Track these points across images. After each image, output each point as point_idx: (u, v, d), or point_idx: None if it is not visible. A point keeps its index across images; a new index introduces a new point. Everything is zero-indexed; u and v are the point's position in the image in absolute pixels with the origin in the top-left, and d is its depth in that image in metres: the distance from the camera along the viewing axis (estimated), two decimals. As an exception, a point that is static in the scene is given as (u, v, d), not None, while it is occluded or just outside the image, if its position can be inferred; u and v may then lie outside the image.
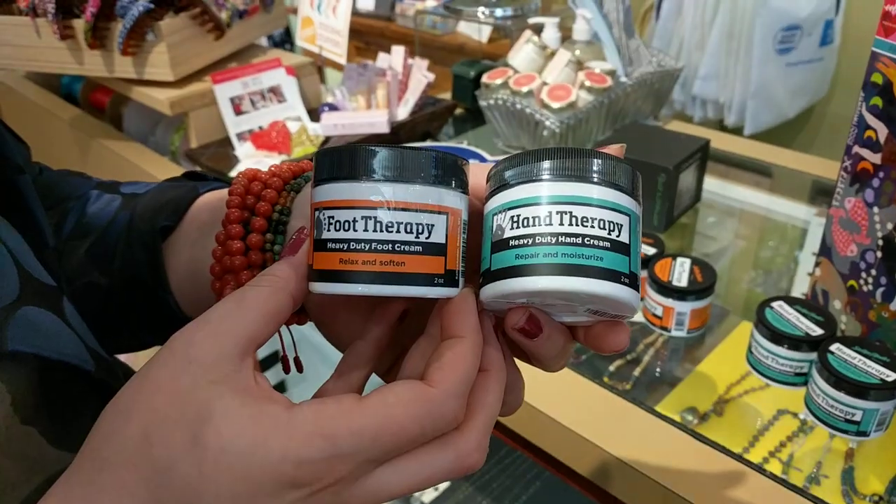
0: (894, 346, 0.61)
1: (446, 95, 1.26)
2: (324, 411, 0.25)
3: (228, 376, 0.25)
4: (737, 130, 1.68)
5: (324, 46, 1.14)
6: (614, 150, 0.30)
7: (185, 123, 1.06)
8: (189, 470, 0.24)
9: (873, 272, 0.62)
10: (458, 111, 1.24)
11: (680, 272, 0.70)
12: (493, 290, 0.27)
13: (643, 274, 0.73)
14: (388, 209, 0.26)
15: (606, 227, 0.26)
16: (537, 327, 0.29)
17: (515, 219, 0.27)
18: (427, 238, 0.27)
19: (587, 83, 0.99)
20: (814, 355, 0.60)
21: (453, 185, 0.28)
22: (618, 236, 0.27)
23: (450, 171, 0.27)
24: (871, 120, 0.60)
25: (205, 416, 0.24)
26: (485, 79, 1.04)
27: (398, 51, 1.10)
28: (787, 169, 1.06)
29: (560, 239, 0.26)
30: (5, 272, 0.29)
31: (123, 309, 0.39)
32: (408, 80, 1.10)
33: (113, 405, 0.26)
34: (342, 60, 1.10)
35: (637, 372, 0.68)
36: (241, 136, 1.05)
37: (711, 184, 1.01)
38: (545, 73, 1.03)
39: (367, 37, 2.25)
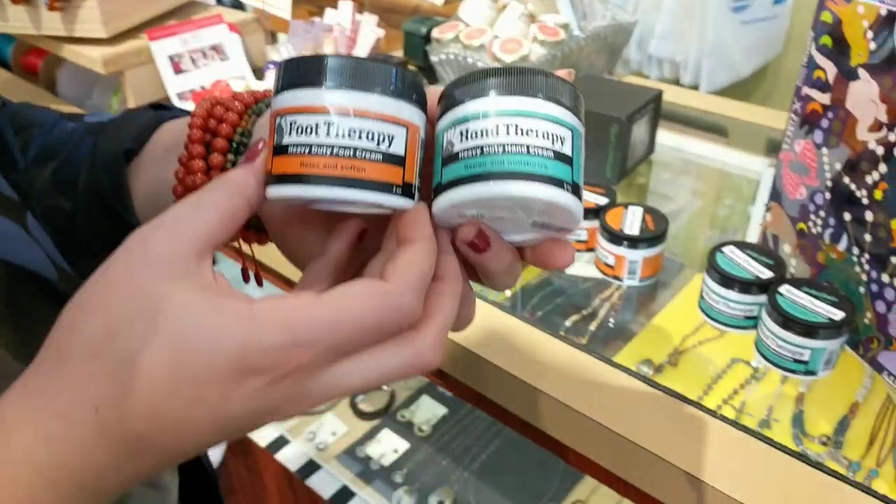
0: (842, 286, 0.61)
1: (400, 55, 1.23)
2: (283, 303, 0.25)
3: (187, 273, 0.25)
4: (693, 89, 1.67)
5: (267, 1, 1.09)
6: (563, 73, 0.31)
7: (122, 84, 1.01)
8: (152, 360, 0.24)
9: (822, 214, 0.62)
10: (411, 69, 1.21)
11: (632, 221, 0.69)
12: (444, 200, 0.29)
13: (595, 224, 0.72)
14: (351, 115, 0.27)
15: (550, 138, 0.28)
16: (486, 242, 0.30)
17: (464, 133, 0.28)
18: (387, 148, 0.28)
19: (540, 36, 0.97)
20: (763, 298, 0.60)
21: (413, 99, 0.29)
22: (560, 147, 0.28)
23: (410, 86, 0.29)
24: (821, 60, 0.59)
25: (166, 310, 0.24)
26: (435, 33, 1.02)
27: (346, 6, 1.06)
28: (743, 122, 1.05)
29: (507, 148, 0.27)
30: None
31: (88, 233, 0.39)
32: (356, 36, 1.06)
33: (73, 303, 0.26)
34: (286, 15, 1.06)
35: (593, 326, 0.67)
36: (181, 96, 1.00)
37: (668, 139, 1.00)
38: (497, 27, 1.00)
39: (321, 1, 2.19)
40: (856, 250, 0.59)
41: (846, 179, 0.58)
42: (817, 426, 0.56)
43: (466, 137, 0.28)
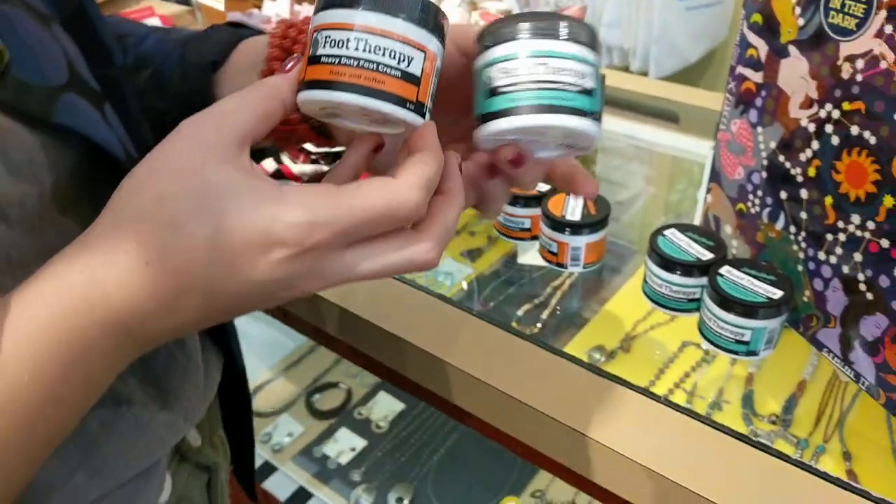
0: (781, 265, 0.61)
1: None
2: (307, 189, 0.30)
3: (229, 158, 0.30)
4: (643, 76, 1.68)
5: (202, -7, 1.06)
6: (575, 11, 0.37)
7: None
8: (196, 227, 0.28)
9: (759, 193, 0.62)
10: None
11: (573, 207, 0.68)
12: (488, 128, 0.34)
13: (537, 212, 0.71)
14: (377, 35, 0.31)
15: (574, 74, 0.33)
16: (522, 159, 0.37)
17: (503, 70, 0.34)
18: (406, 67, 0.32)
19: (482, 24, 0.95)
20: (705, 280, 0.60)
21: (434, 30, 0.33)
22: (583, 82, 0.34)
23: (433, 18, 0.33)
24: (752, 38, 0.59)
25: (210, 186, 0.29)
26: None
27: (284, -4, 1.04)
28: (693, 107, 1.06)
29: (538, 85, 0.33)
30: (55, 57, 0.33)
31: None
32: (296, 26, 1.04)
33: (131, 175, 0.30)
34: (220, 6, 1.02)
35: (545, 314, 0.67)
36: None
37: (620, 126, 1.00)
38: (438, 14, 0.98)
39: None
40: (793, 229, 0.59)
41: (781, 158, 0.58)
42: (767, 405, 0.56)
43: (504, 75, 0.33)
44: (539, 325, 0.65)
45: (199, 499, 0.48)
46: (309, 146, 0.74)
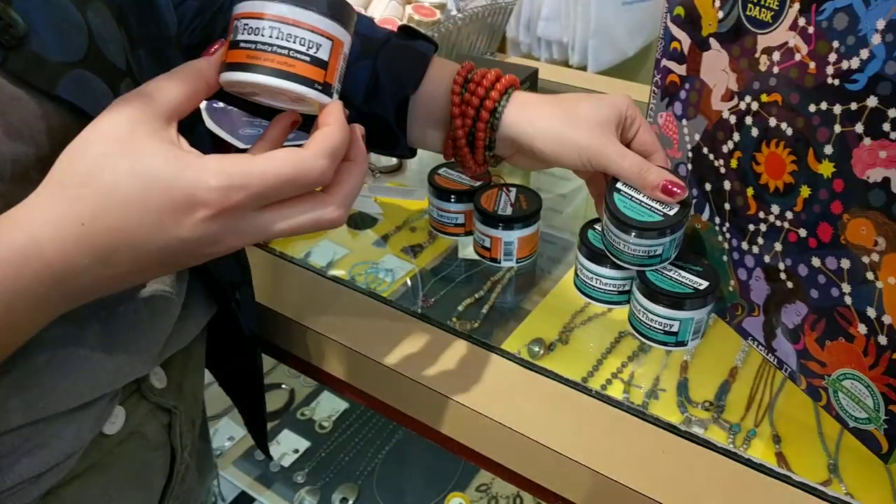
0: (707, 255, 0.62)
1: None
2: (225, 157, 0.34)
3: (158, 131, 0.34)
4: (582, 70, 1.70)
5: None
6: None
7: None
8: (128, 190, 0.32)
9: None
10: None
11: (505, 202, 0.68)
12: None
13: (470, 207, 0.70)
14: (289, 24, 0.36)
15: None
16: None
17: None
18: (315, 53, 0.37)
19: (415, 17, 0.94)
20: (633, 272, 0.60)
21: (342, 21, 0.37)
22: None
23: (340, 11, 0.37)
24: (676, 31, 0.59)
25: (141, 155, 0.33)
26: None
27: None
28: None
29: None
30: (75, 35, 0.36)
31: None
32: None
33: (70, 147, 0.34)
34: None
35: (485, 309, 0.66)
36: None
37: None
38: (371, 8, 0.97)
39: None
40: (718, 220, 0.59)
41: (705, 150, 0.59)
42: (701, 392, 0.57)
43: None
44: (479, 320, 0.65)
45: (156, 437, 0.51)
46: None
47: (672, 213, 0.54)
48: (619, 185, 0.57)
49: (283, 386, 1.35)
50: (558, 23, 1.68)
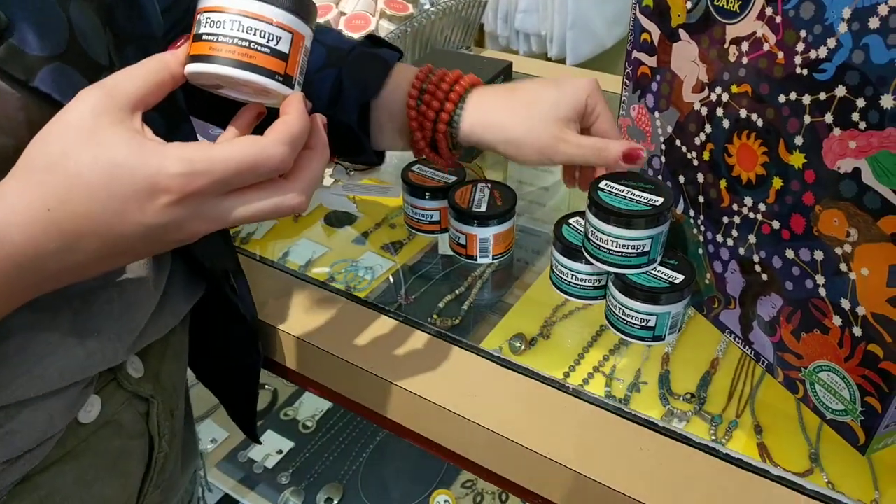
0: (682, 248, 0.61)
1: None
2: (187, 145, 0.35)
3: (123, 122, 0.35)
4: (561, 62, 1.69)
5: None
6: None
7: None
8: (92, 179, 0.33)
9: (660, 178, 0.62)
10: None
11: (480, 198, 0.67)
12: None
13: (445, 204, 0.69)
14: (250, 18, 0.37)
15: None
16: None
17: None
18: (275, 45, 0.38)
19: (388, 11, 0.93)
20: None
21: (301, 15, 0.38)
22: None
23: (300, 6, 0.38)
24: (645, 22, 0.58)
25: (106, 144, 0.34)
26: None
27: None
28: (612, 95, 1.06)
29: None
30: (56, 29, 0.37)
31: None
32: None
33: (38, 137, 0.34)
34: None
35: (466, 305, 0.66)
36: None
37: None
38: (343, 3, 0.95)
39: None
40: (692, 212, 0.59)
41: (678, 142, 0.58)
42: (682, 384, 0.57)
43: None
44: (460, 316, 0.64)
45: (132, 425, 0.51)
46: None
47: (657, 204, 0.54)
48: (601, 184, 0.56)
49: (266, 386, 1.34)
50: (536, 15, 1.67)
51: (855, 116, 0.42)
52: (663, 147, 0.60)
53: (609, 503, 0.49)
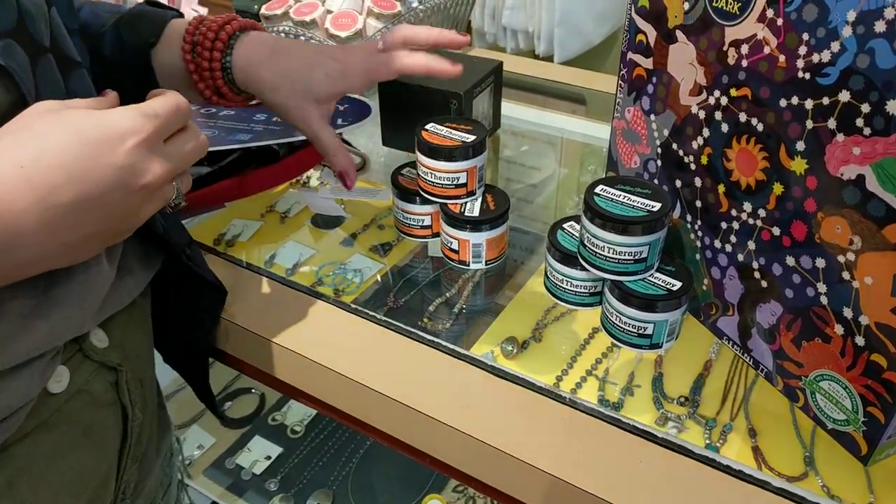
0: (679, 254, 0.60)
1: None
2: (128, 106, 0.41)
3: (78, 103, 0.41)
4: (548, 60, 1.68)
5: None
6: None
7: None
8: (63, 133, 0.37)
9: (656, 181, 0.61)
10: None
11: (472, 203, 0.66)
12: None
13: (436, 208, 0.68)
14: None
15: None
16: None
17: None
18: None
19: (375, 9, 0.91)
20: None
21: None
22: None
23: None
24: (641, 23, 0.57)
25: (67, 115, 0.38)
26: (263, 10, 0.94)
27: (161, -18, 0.96)
28: (599, 92, 1.05)
29: None
30: (5, 4, 0.40)
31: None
32: (176, 15, 0.96)
33: (7, 123, 0.38)
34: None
35: (457, 308, 0.64)
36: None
37: (528, 113, 0.98)
38: (329, 1, 0.93)
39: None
40: (689, 217, 0.58)
41: (674, 146, 0.57)
42: (676, 388, 0.56)
43: None
44: (450, 319, 0.63)
45: (103, 395, 0.52)
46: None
47: (654, 210, 0.53)
48: (597, 189, 0.55)
49: (253, 390, 1.32)
50: (523, 12, 1.66)
51: (859, 122, 0.41)
52: (659, 151, 0.59)
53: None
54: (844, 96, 0.41)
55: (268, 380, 0.67)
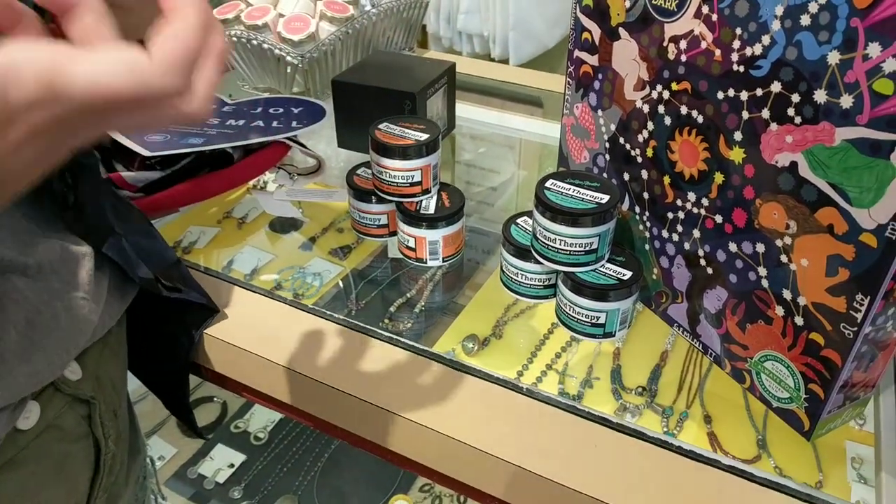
0: (629, 245, 0.62)
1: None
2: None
3: None
4: (504, 63, 1.70)
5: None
6: None
7: None
8: None
9: (606, 175, 0.62)
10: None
11: (428, 200, 0.67)
12: None
13: (392, 207, 0.69)
14: None
15: None
16: None
17: None
18: None
19: (328, 13, 0.91)
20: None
21: None
22: None
23: None
24: (586, 21, 0.59)
25: None
26: (214, 13, 0.93)
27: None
28: (554, 93, 1.06)
29: None
30: None
31: None
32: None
33: None
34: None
35: (418, 308, 0.65)
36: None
37: (486, 115, 0.99)
38: (281, 5, 0.93)
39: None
40: (638, 209, 0.60)
41: (621, 140, 0.59)
42: (634, 378, 0.57)
43: None
44: (412, 320, 0.64)
45: (75, 428, 0.50)
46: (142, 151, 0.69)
47: (603, 202, 0.54)
48: (548, 183, 0.56)
49: (216, 399, 1.30)
50: (478, 16, 1.68)
51: (790, 111, 0.43)
52: (607, 145, 0.61)
53: (565, 501, 0.49)
54: (776, 87, 0.43)
55: (230, 385, 0.67)
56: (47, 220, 0.48)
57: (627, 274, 0.57)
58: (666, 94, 0.52)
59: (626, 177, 0.60)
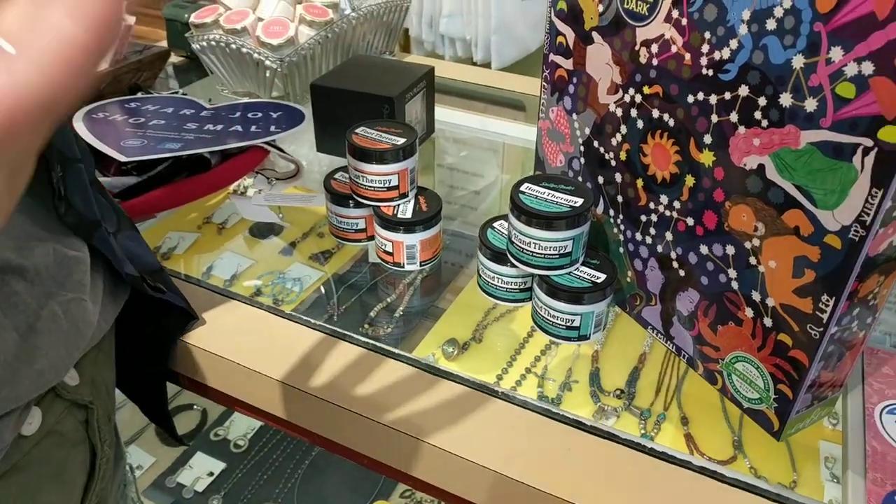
0: (603, 248, 0.62)
1: (164, 44, 1.12)
2: None
3: None
4: (486, 66, 1.70)
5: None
6: None
7: None
8: None
9: (580, 179, 0.63)
10: (178, 60, 1.11)
11: (405, 205, 0.67)
12: None
13: (370, 212, 0.69)
14: None
15: None
16: None
17: None
18: None
19: (307, 17, 0.91)
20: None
21: None
22: None
23: None
24: (560, 25, 0.59)
25: None
26: (193, 19, 0.93)
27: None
28: (536, 97, 1.07)
29: None
30: None
31: None
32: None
33: None
34: None
35: (398, 313, 0.65)
36: None
37: (468, 119, 0.99)
38: (260, 9, 0.93)
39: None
40: (612, 212, 0.60)
41: (596, 143, 0.59)
42: (612, 381, 0.58)
43: None
44: (392, 325, 0.64)
45: (73, 434, 0.51)
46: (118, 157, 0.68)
47: (577, 205, 0.55)
48: (522, 187, 0.57)
49: (195, 407, 1.29)
50: (460, 20, 1.68)
51: (758, 115, 0.44)
52: (582, 149, 0.61)
53: (541, 504, 0.50)
54: (743, 91, 0.44)
55: (210, 393, 0.66)
56: (43, 216, 0.48)
57: (602, 277, 0.57)
58: (638, 98, 0.53)
59: (601, 180, 0.60)
